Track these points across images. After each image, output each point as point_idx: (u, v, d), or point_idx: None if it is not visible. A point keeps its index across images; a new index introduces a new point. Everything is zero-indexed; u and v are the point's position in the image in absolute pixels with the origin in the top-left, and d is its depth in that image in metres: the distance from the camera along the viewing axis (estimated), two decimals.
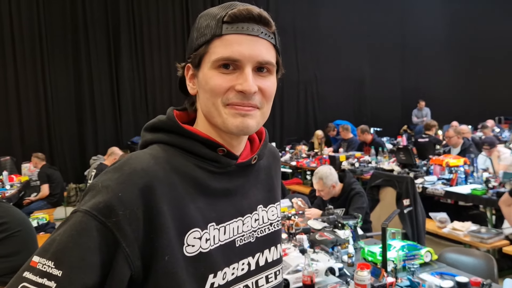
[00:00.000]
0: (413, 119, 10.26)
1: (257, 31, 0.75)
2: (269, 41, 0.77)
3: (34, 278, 0.63)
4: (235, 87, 0.74)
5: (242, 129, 0.76)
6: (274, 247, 0.90)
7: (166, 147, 0.78)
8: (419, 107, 10.28)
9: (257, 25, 0.75)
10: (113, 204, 0.66)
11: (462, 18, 12.45)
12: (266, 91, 0.78)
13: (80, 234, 0.65)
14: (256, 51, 0.74)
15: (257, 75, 0.76)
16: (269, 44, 0.77)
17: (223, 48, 0.74)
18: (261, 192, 0.89)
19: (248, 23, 0.74)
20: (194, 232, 0.74)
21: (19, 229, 2.44)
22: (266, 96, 0.78)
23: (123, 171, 0.70)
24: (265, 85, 0.77)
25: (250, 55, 0.74)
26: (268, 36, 0.77)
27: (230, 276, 0.79)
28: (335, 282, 2.16)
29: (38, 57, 8.03)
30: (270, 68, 0.78)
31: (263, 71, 0.77)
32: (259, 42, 0.75)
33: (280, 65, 0.81)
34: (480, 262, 2.47)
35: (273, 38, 0.78)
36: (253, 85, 0.74)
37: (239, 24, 0.74)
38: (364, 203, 3.48)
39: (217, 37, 0.74)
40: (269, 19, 0.77)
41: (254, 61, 0.75)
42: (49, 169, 6.13)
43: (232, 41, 0.74)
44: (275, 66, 0.79)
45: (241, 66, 0.74)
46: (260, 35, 0.75)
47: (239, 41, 0.74)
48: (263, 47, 0.76)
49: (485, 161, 5.23)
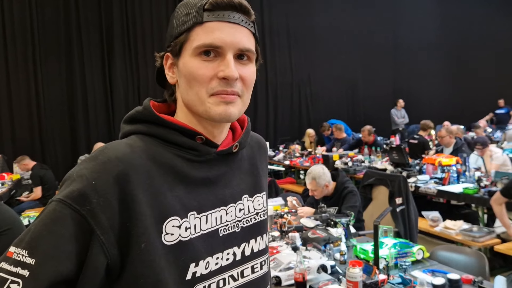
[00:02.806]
0: (395, 120, 9.96)
1: (237, 19, 0.76)
2: (249, 29, 0.78)
3: (8, 267, 0.64)
4: (218, 74, 0.74)
5: (224, 117, 0.76)
6: (260, 237, 0.89)
7: (144, 137, 0.78)
8: (398, 107, 10.08)
9: (237, 13, 0.76)
10: (87, 192, 0.66)
11: (454, 20, 12.55)
12: (247, 79, 0.78)
13: (54, 222, 0.65)
14: (237, 38, 0.75)
15: (238, 62, 0.77)
16: (249, 32, 0.78)
17: (205, 35, 0.74)
18: (246, 181, 0.89)
19: (229, 10, 0.75)
20: (173, 220, 0.73)
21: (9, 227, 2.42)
22: (247, 84, 0.79)
23: (98, 160, 0.70)
24: (246, 72, 0.78)
25: (231, 42, 0.74)
26: (248, 24, 0.78)
27: (213, 265, 0.78)
28: (327, 280, 2.16)
29: (30, 56, 7.94)
30: (250, 55, 0.79)
31: (243, 59, 0.78)
32: (239, 30, 0.76)
33: (259, 54, 0.82)
34: (471, 260, 2.48)
35: (252, 27, 0.79)
36: (235, 71, 0.74)
37: (220, 12, 0.75)
38: (356, 202, 3.48)
39: (198, 24, 0.74)
40: (249, 8, 0.78)
41: (235, 48, 0.75)
42: (41, 170, 6.03)
43: (214, 28, 0.74)
44: (255, 54, 0.80)
45: (223, 53, 0.75)
46: (240, 23, 0.76)
47: (221, 28, 0.74)
48: (244, 34, 0.77)
49: (477, 160, 5.27)
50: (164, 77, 0.83)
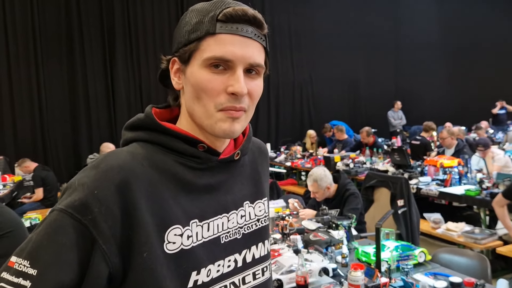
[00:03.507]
0: (392, 121, 9.92)
1: (250, 32, 0.75)
2: (260, 43, 0.77)
3: (10, 278, 0.64)
4: (227, 89, 0.73)
5: (228, 134, 0.76)
6: (261, 243, 0.89)
7: (145, 145, 0.77)
8: (395, 108, 10.00)
9: (250, 27, 0.75)
10: (88, 201, 0.66)
11: (456, 20, 12.54)
12: (254, 93, 0.78)
13: (55, 232, 0.65)
14: (248, 52, 0.74)
15: (247, 76, 0.76)
16: (261, 47, 0.77)
17: (216, 47, 0.73)
18: (247, 187, 0.89)
19: (243, 24, 0.74)
20: (175, 229, 0.73)
21: (10, 229, 2.42)
22: (253, 98, 0.78)
23: (99, 168, 0.70)
24: (254, 87, 0.77)
25: (242, 56, 0.73)
26: (260, 38, 0.77)
27: (215, 273, 0.78)
28: (328, 283, 2.16)
29: (31, 57, 7.95)
30: (260, 70, 0.78)
31: (252, 73, 0.77)
32: (251, 44, 0.75)
33: (267, 67, 0.81)
34: (473, 262, 2.47)
35: (264, 41, 0.78)
36: (244, 87, 0.74)
37: (234, 25, 0.73)
38: (358, 204, 3.48)
39: (210, 35, 0.73)
40: (263, 21, 0.77)
41: (246, 62, 0.74)
42: (43, 171, 6.04)
43: (226, 41, 0.73)
44: (264, 68, 0.79)
45: (233, 66, 0.74)
46: (253, 37, 0.75)
47: (233, 42, 0.73)
48: (255, 49, 0.76)
49: (479, 162, 5.26)
50: (167, 77, 0.83)
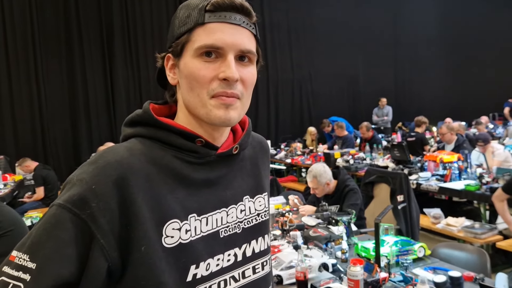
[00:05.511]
0: (373, 118, 9.86)
1: (239, 20, 0.76)
2: (250, 31, 0.78)
3: (11, 271, 0.65)
4: (219, 75, 0.74)
5: (224, 121, 0.76)
6: (261, 237, 0.90)
7: (143, 140, 0.78)
8: (380, 105, 9.96)
9: (239, 15, 0.76)
10: (87, 196, 0.67)
11: (455, 15, 12.53)
12: (247, 80, 0.78)
13: (54, 226, 0.66)
14: (238, 39, 0.75)
15: (239, 63, 0.77)
16: (250, 34, 0.78)
17: (206, 36, 0.74)
18: (247, 182, 0.89)
19: (231, 12, 0.75)
20: (173, 223, 0.73)
21: (11, 228, 2.44)
22: (246, 85, 0.78)
23: (97, 164, 0.71)
24: (246, 74, 0.78)
25: (232, 43, 0.75)
26: (249, 26, 0.78)
27: (214, 267, 0.78)
28: (328, 278, 2.16)
29: (31, 57, 7.97)
30: (251, 57, 0.79)
31: (244, 60, 0.78)
32: (241, 31, 0.76)
33: (260, 56, 0.82)
34: (473, 257, 2.48)
35: (254, 28, 0.79)
36: (235, 72, 0.74)
37: (222, 13, 0.75)
38: (358, 200, 3.48)
39: (199, 25, 0.75)
40: (251, 10, 0.78)
41: (236, 49, 0.75)
42: (43, 170, 6.05)
43: (215, 29, 0.74)
44: (255, 55, 0.80)
45: (224, 54, 0.75)
46: (242, 24, 0.76)
47: (222, 29, 0.74)
48: (245, 36, 0.77)
49: (479, 157, 5.26)
50: (165, 77, 0.84)
